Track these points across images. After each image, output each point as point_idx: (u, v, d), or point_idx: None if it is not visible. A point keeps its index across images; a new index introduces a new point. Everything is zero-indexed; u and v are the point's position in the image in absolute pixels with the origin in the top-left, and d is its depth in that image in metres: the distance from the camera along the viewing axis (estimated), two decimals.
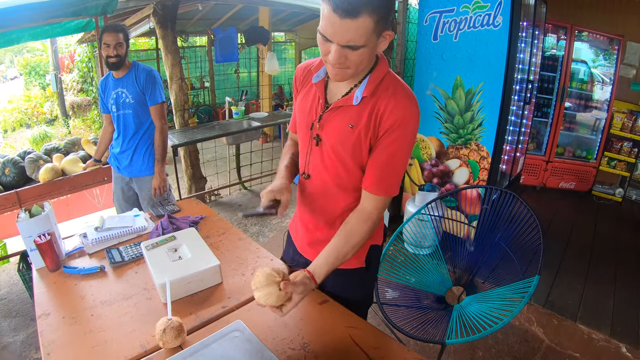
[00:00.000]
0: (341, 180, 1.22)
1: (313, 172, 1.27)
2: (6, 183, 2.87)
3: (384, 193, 1.16)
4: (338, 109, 1.15)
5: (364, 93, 1.10)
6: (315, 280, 1.12)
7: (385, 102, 1.09)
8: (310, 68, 1.25)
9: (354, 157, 1.16)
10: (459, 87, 2.91)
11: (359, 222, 1.17)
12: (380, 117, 1.09)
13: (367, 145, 1.14)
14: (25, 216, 1.62)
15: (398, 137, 1.09)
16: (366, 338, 1.14)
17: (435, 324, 1.86)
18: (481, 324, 1.63)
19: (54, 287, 1.49)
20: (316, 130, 1.20)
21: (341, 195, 1.25)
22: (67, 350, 1.16)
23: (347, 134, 1.14)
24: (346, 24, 0.93)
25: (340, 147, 1.16)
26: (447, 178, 3.17)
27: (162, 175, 2.62)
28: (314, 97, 1.22)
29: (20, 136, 9.60)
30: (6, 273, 3.43)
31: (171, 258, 1.44)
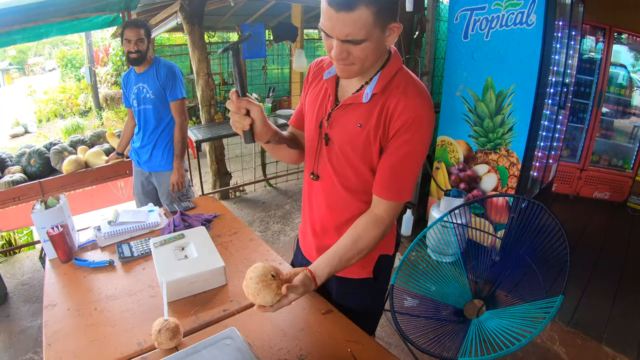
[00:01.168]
0: (350, 182, 1.15)
1: (322, 173, 1.20)
2: (31, 173, 2.94)
3: (395, 198, 1.09)
4: (347, 106, 1.09)
5: (374, 90, 1.04)
6: (316, 282, 1.07)
7: (396, 100, 1.02)
8: (323, 64, 1.19)
9: (364, 158, 1.10)
10: (490, 89, 2.80)
11: (368, 226, 1.10)
12: (390, 116, 1.03)
13: (377, 146, 1.07)
14: (40, 208, 1.65)
15: (410, 139, 1.02)
16: (367, 355, 1.07)
17: (452, 338, 1.78)
18: (499, 342, 1.54)
19: (63, 278, 1.51)
20: (325, 128, 1.14)
21: (351, 199, 1.17)
22: (67, 342, 1.17)
23: (355, 133, 1.08)
24: (343, 18, 0.89)
25: (349, 147, 1.10)
26: (474, 184, 3.05)
27: (180, 171, 2.63)
28: (325, 94, 1.16)
29: (54, 126, 9.93)
30: (30, 259, 3.53)
31: (177, 257, 1.42)
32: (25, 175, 2.91)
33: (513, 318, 1.69)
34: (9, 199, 2.77)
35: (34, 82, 13.09)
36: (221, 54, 1.14)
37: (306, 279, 1.04)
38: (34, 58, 18.60)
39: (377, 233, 1.10)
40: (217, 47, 8.13)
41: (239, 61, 1.04)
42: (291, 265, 1.51)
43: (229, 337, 0.96)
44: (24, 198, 2.79)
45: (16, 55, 17.45)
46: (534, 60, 2.53)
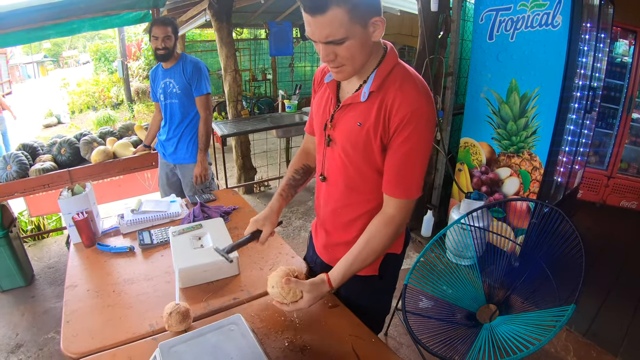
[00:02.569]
0: (353, 182, 1.17)
1: (329, 174, 1.23)
2: (61, 162, 3.05)
3: (403, 195, 1.09)
4: (347, 107, 1.11)
5: (370, 88, 1.05)
6: (330, 283, 1.10)
7: (393, 96, 1.03)
8: (326, 69, 1.21)
9: (365, 157, 1.11)
10: (514, 91, 2.76)
11: (380, 225, 1.12)
12: (388, 113, 1.03)
13: (378, 144, 1.07)
14: (67, 194, 1.74)
15: (410, 135, 1.02)
16: (369, 351, 1.09)
17: (463, 341, 1.78)
18: (510, 347, 1.53)
19: (86, 261, 1.59)
20: (328, 130, 1.17)
21: (355, 198, 1.20)
22: (84, 320, 1.24)
23: (355, 132, 1.09)
24: (319, 21, 0.92)
25: (350, 146, 1.12)
26: (496, 187, 3.02)
27: (204, 164, 2.70)
28: (328, 97, 1.19)
29: (86, 118, 10.23)
30: (57, 244, 3.67)
31: (193, 245, 1.47)
32: (56, 163, 3.02)
33: (525, 325, 1.67)
34: (39, 185, 2.88)
35: (68, 74, 13.53)
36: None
37: (317, 280, 1.10)
38: (68, 51, 19.19)
39: (389, 231, 1.11)
40: (245, 44, 8.22)
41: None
42: (304, 260, 1.53)
43: (234, 324, 0.99)
44: (54, 185, 2.90)
45: (51, 48, 18.03)
46: (559, 63, 2.49)
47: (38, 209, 3.43)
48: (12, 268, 2.96)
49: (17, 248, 3.00)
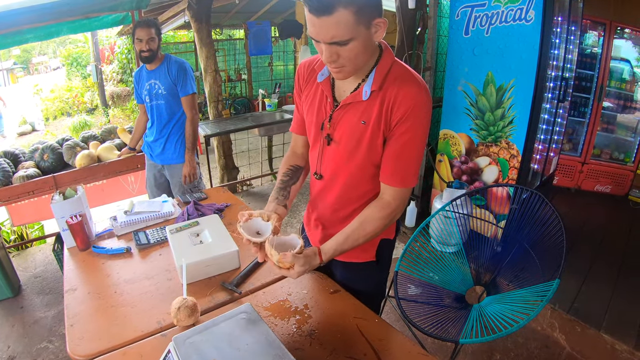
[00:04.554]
0: (354, 178, 1.21)
1: (325, 172, 1.26)
2: (44, 168, 3.02)
3: (400, 184, 1.14)
4: (347, 106, 1.14)
5: (372, 87, 1.08)
6: (321, 257, 1.13)
7: (395, 92, 1.06)
8: (314, 66, 1.21)
9: (369, 154, 1.15)
10: (490, 83, 2.86)
11: (375, 210, 1.16)
12: (390, 108, 1.07)
13: (380, 139, 1.12)
14: (59, 198, 1.72)
15: (410, 127, 1.07)
16: (373, 329, 1.14)
17: (454, 323, 1.84)
18: (499, 325, 1.60)
19: (82, 264, 1.58)
20: (327, 129, 1.19)
21: (354, 193, 1.24)
22: (89, 322, 1.24)
23: (360, 131, 1.13)
24: (324, 22, 0.93)
25: (355, 145, 1.15)
26: (476, 176, 3.11)
27: (192, 164, 2.72)
28: (322, 96, 1.20)
29: (61, 124, 10.02)
30: (42, 252, 3.62)
31: (193, 242, 1.49)
32: (39, 170, 2.99)
33: (512, 303, 1.74)
34: (24, 192, 2.85)
35: (39, 80, 13.18)
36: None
37: (309, 251, 1.12)
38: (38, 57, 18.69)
39: (383, 215, 1.15)
40: (220, 44, 8.19)
41: None
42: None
43: (245, 312, 1.02)
44: (38, 192, 2.88)
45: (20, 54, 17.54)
46: (533, 55, 2.59)
47: (21, 217, 3.37)
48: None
49: (2, 258, 2.95)
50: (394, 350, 1.07)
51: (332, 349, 1.07)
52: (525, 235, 1.95)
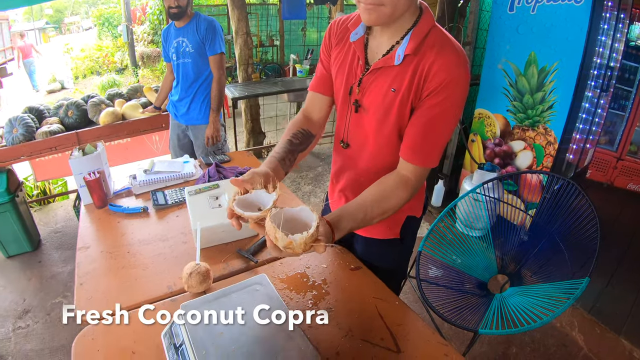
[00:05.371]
0: (381, 149, 1.11)
1: (352, 140, 1.17)
2: (68, 124, 3.01)
3: (421, 163, 1.01)
4: (379, 70, 1.02)
5: (406, 51, 0.96)
6: (334, 234, 0.92)
7: (431, 60, 0.94)
8: (347, 24, 1.09)
9: (397, 125, 1.04)
10: (532, 64, 2.70)
11: (396, 186, 1.02)
12: (424, 77, 0.95)
13: (409, 111, 1.01)
14: (78, 154, 1.70)
15: (442, 101, 0.95)
16: (392, 312, 1.06)
17: (473, 310, 1.77)
18: (520, 319, 1.52)
19: (98, 222, 1.56)
20: (355, 95, 1.09)
21: (380, 164, 1.13)
22: (99, 282, 1.21)
23: (389, 99, 1.01)
24: None
25: (383, 113, 1.04)
26: (509, 160, 2.98)
27: (216, 125, 2.65)
28: (353, 58, 1.09)
29: (90, 83, 10.13)
30: (63, 208, 3.66)
31: (211, 205, 1.44)
32: (63, 126, 2.98)
33: (536, 297, 1.66)
34: (46, 148, 2.85)
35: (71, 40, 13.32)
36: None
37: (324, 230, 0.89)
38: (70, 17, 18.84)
39: (404, 195, 1.02)
40: (256, 8, 8.07)
41: None
42: None
43: (259, 283, 0.97)
44: (61, 148, 2.87)
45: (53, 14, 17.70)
46: (580, 39, 2.43)
47: (44, 173, 3.39)
48: (19, 233, 2.95)
49: (24, 213, 2.98)
50: (413, 337, 1.00)
51: (347, 329, 1.00)
52: (557, 227, 1.85)
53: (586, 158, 3.34)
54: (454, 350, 0.96)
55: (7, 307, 2.54)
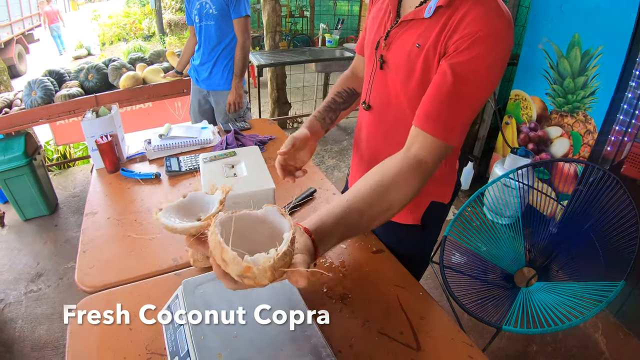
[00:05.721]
0: (404, 115, 0.97)
1: (374, 102, 1.04)
2: (88, 88, 2.96)
3: (442, 134, 0.82)
4: (408, 23, 0.90)
5: (438, 2, 0.83)
6: (318, 251, 0.69)
7: (464, 10, 0.79)
8: None
9: (421, 87, 0.89)
10: (576, 47, 2.52)
11: (405, 170, 0.81)
12: (453, 29, 0.80)
13: (435, 69, 0.85)
14: (91, 116, 1.63)
15: (474, 59, 0.78)
16: (415, 304, 0.95)
17: (495, 303, 1.67)
18: (547, 317, 1.43)
19: (108, 187, 1.50)
20: (381, 49, 0.96)
21: (403, 134, 0.95)
22: (102, 251, 1.15)
23: (413, 55, 0.88)
24: None
25: (404, 72, 0.91)
26: (543, 146, 2.83)
27: (238, 91, 2.56)
28: (385, 11, 0.97)
29: (116, 49, 10.18)
30: (83, 173, 3.66)
31: (226, 173, 1.34)
32: (83, 90, 2.93)
33: (565, 295, 1.56)
34: (65, 111, 2.81)
35: (99, 7, 13.36)
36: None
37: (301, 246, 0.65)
38: None
39: (416, 182, 0.81)
40: None
41: None
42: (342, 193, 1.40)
43: None
44: (79, 111, 2.82)
45: None
46: (628, 23, 2.25)
47: (64, 137, 3.39)
48: (36, 196, 2.95)
49: (41, 176, 2.98)
50: (435, 334, 0.89)
51: (364, 320, 0.90)
52: (591, 223, 1.72)
53: (623, 151, 3.16)
54: (480, 352, 0.85)
55: (21, 270, 2.54)
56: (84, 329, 0.85)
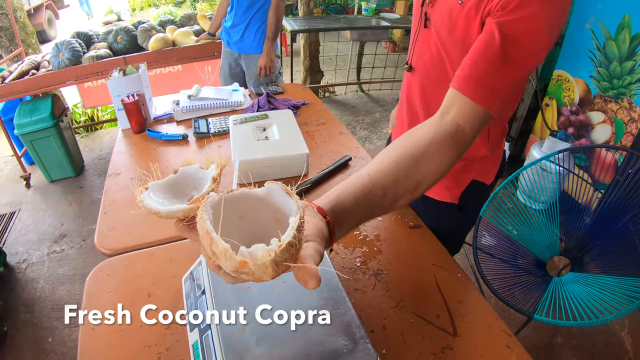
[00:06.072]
0: (446, 78, 0.84)
1: (416, 62, 0.95)
2: (117, 50, 2.91)
3: (483, 100, 0.70)
4: None
5: None
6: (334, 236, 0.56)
7: None
8: None
9: (462, 47, 0.80)
10: (625, 29, 2.36)
11: (439, 140, 0.67)
12: None
13: (477, 30, 0.75)
14: (118, 75, 1.60)
15: (525, 18, 0.67)
16: (452, 286, 0.89)
17: (524, 290, 1.59)
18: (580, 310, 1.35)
19: (133, 148, 1.47)
20: (426, 6, 0.87)
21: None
22: (123, 212, 1.11)
23: (455, 13, 0.78)
24: None
25: (446, 31, 0.82)
26: (584, 131, 2.69)
27: (270, 55, 2.47)
28: None
29: (147, 15, 10.19)
30: (110, 135, 3.67)
31: (257, 137, 1.29)
32: (111, 51, 2.90)
33: (599, 289, 1.48)
34: (92, 73, 2.78)
35: None
36: None
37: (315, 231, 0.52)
38: None
39: (452, 153, 0.68)
40: None
41: None
42: None
43: None
44: (107, 73, 2.77)
45: None
46: None
47: (92, 99, 3.38)
48: (62, 158, 2.96)
49: (68, 138, 2.98)
50: (473, 319, 0.82)
51: (399, 299, 0.84)
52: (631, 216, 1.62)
53: None
54: (518, 342, 0.78)
55: (45, 231, 2.56)
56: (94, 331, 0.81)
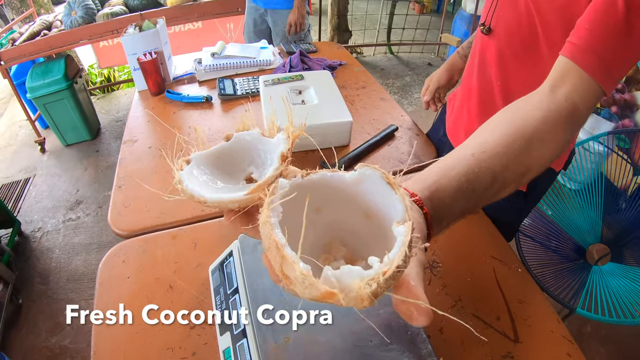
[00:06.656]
0: (536, 42, 0.73)
1: (497, 24, 0.80)
2: (133, 7, 2.77)
3: (596, 72, 0.55)
4: None
5: None
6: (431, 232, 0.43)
7: None
8: None
9: (564, 12, 0.66)
10: None
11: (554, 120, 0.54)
12: None
13: None
14: (133, 31, 1.47)
15: None
16: (513, 283, 0.77)
17: (565, 278, 1.50)
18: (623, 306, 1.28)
19: (151, 112, 1.35)
20: None
21: (531, 67, 0.77)
22: (139, 188, 0.99)
23: None
24: None
25: None
26: (628, 111, 2.50)
27: (301, 11, 2.26)
28: None
29: None
30: (127, 96, 3.56)
31: (292, 100, 1.16)
32: (127, 8, 2.75)
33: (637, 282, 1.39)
34: (107, 31, 2.66)
35: None
36: None
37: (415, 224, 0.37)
38: None
39: (566, 137, 0.56)
40: None
41: None
42: (426, 135, 1.19)
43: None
44: (123, 31, 2.65)
45: None
46: None
47: (108, 59, 3.27)
48: (77, 121, 2.87)
49: (83, 100, 2.88)
50: (534, 322, 0.71)
51: (457, 297, 0.73)
52: None
53: None
54: (579, 350, 0.68)
55: (60, 197, 2.50)
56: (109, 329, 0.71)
